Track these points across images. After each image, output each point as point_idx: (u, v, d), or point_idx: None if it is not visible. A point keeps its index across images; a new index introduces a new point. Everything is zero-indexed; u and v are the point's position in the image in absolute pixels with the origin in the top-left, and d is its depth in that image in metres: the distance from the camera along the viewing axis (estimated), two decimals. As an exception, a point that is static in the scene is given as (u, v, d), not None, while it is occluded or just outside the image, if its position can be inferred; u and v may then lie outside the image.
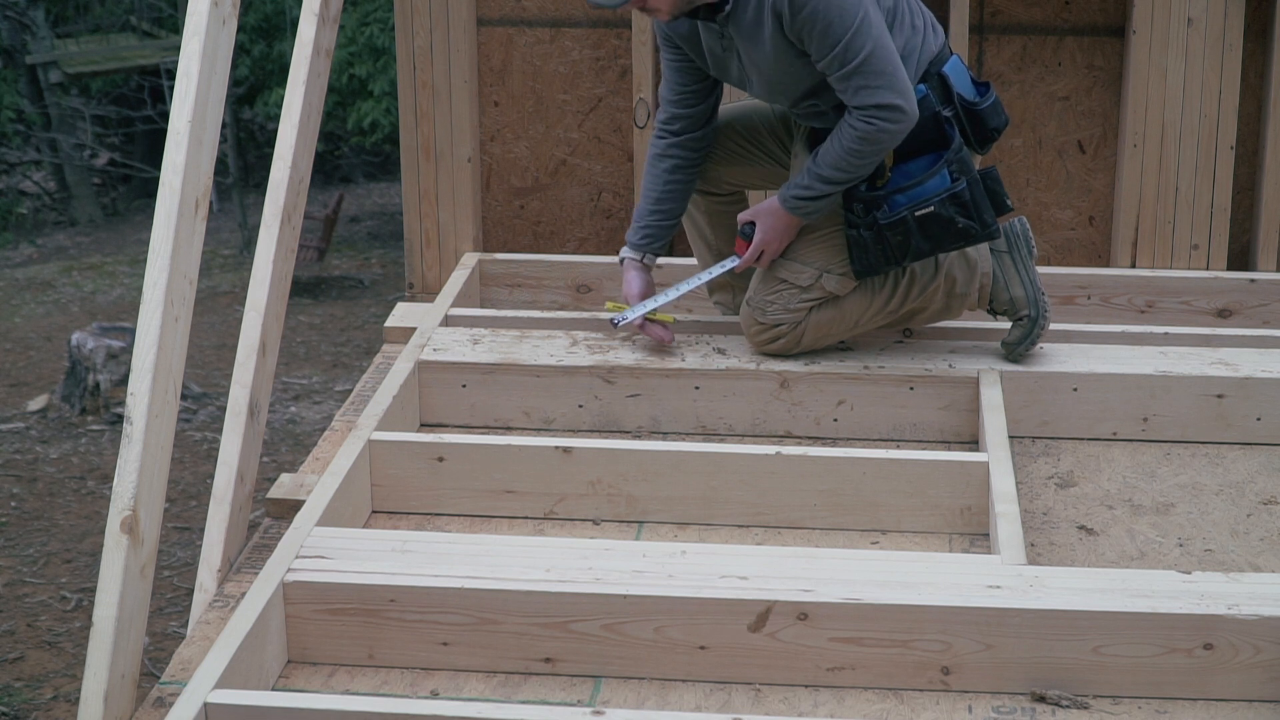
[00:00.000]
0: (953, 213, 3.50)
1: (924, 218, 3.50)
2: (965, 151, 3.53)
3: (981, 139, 3.62)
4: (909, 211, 3.50)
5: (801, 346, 3.67)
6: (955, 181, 3.50)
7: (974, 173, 3.53)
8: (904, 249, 3.54)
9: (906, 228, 3.51)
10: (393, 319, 4.16)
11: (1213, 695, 2.60)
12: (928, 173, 3.51)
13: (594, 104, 4.67)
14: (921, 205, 3.50)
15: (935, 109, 3.53)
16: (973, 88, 3.62)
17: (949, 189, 3.50)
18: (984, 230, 3.53)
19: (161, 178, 2.79)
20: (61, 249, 15.70)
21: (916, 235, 3.51)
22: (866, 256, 3.57)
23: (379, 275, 13.88)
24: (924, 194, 3.50)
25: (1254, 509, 3.27)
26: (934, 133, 3.53)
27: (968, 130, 3.58)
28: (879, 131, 3.45)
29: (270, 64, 15.78)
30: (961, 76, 3.61)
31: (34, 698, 5.83)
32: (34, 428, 9.02)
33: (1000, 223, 3.61)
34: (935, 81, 3.56)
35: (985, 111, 3.59)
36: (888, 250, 3.55)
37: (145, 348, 2.68)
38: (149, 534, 2.64)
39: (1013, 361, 3.65)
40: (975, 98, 3.60)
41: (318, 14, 3.60)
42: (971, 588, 2.67)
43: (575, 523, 3.27)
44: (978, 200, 3.52)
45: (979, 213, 3.52)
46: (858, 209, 3.54)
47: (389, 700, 2.57)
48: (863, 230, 3.54)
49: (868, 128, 3.45)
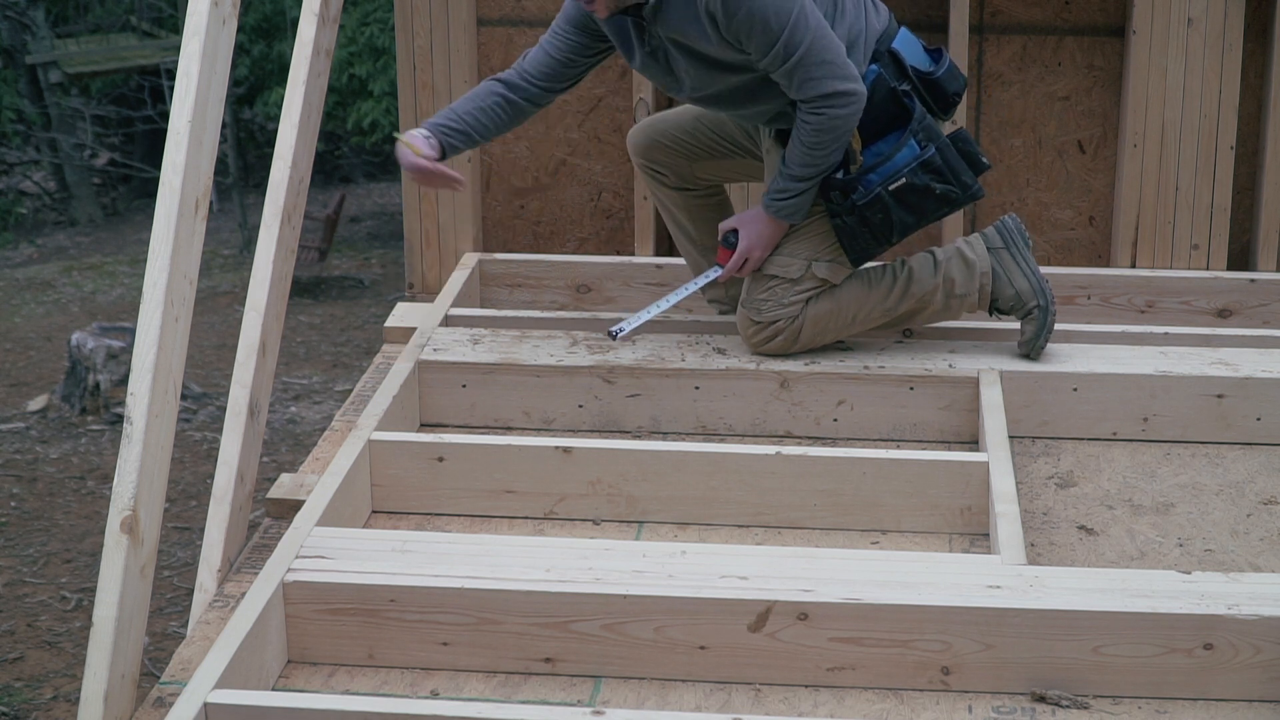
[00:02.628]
0: (927, 180, 3.53)
1: (899, 190, 3.52)
2: (929, 120, 3.55)
3: (943, 105, 3.64)
4: (882, 187, 3.52)
5: (800, 344, 3.67)
6: (924, 149, 3.52)
7: (942, 138, 3.55)
8: (888, 225, 3.56)
9: (884, 204, 3.53)
10: (393, 319, 4.16)
11: (1213, 695, 2.60)
12: (894, 146, 3.53)
13: (594, 104, 4.67)
14: (893, 179, 3.52)
15: (891, 85, 3.54)
16: (926, 56, 3.64)
17: (918, 156, 3.52)
18: (965, 192, 3.57)
19: (161, 178, 2.79)
20: (61, 249, 15.70)
21: (896, 209, 3.53)
22: (857, 242, 3.59)
23: (379, 275, 13.89)
24: (894, 167, 3.52)
25: (1254, 509, 3.27)
26: (895, 109, 3.55)
27: (927, 100, 3.60)
28: (831, 119, 3.46)
29: (270, 64, 15.79)
30: (912, 48, 3.62)
31: (34, 698, 5.83)
32: (34, 428, 9.03)
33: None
34: (886, 59, 3.57)
35: (942, 79, 3.61)
36: (873, 230, 3.56)
37: (145, 348, 2.68)
38: (149, 534, 2.64)
39: (1032, 360, 3.65)
40: (930, 67, 3.61)
41: (318, 14, 3.60)
42: (971, 588, 2.67)
43: (575, 523, 3.27)
44: (952, 163, 3.54)
45: (956, 175, 3.55)
46: (835, 196, 3.56)
47: (389, 700, 2.57)
48: (845, 217, 3.56)
49: (818, 119, 3.46)
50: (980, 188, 3.60)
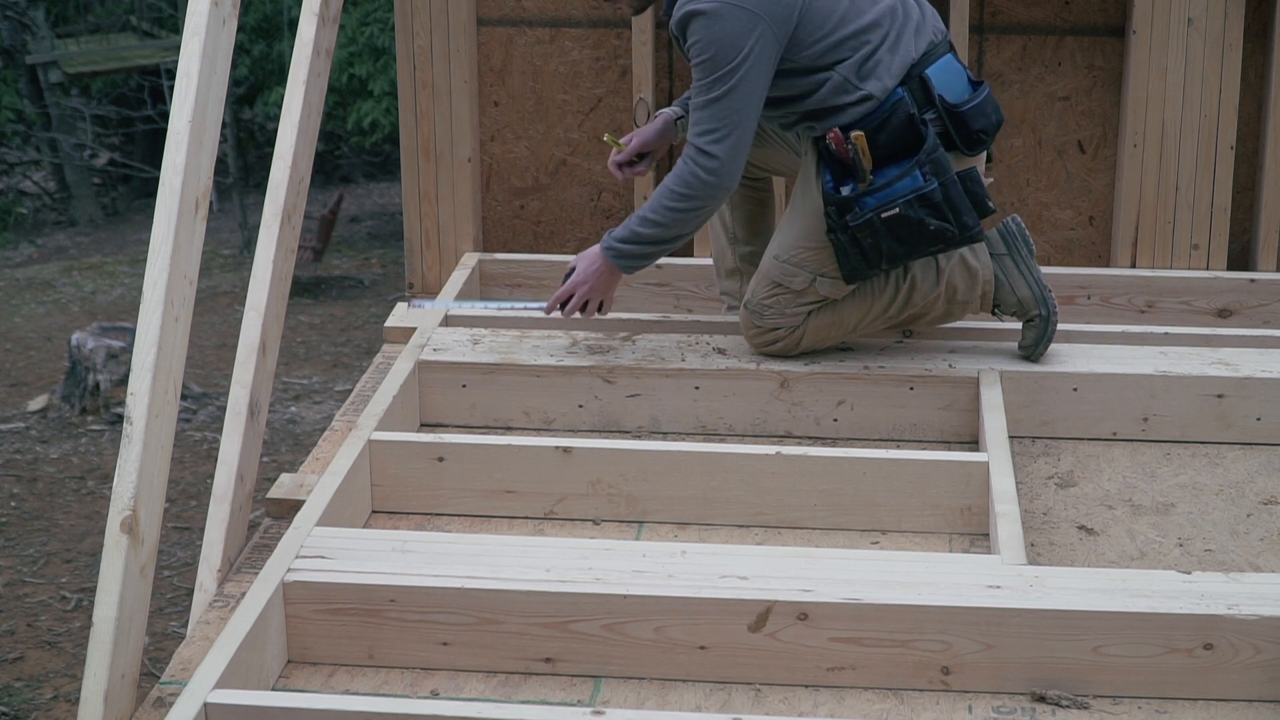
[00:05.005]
0: (922, 214, 3.43)
1: (891, 219, 3.44)
2: (940, 153, 3.45)
3: (967, 141, 3.53)
4: (875, 213, 3.44)
5: (800, 349, 3.67)
6: (926, 181, 3.43)
7: (950, 174, 3.44)
8: (876, 251, 3.48)
9: (874, 229, 3.45)
10: (393, 319, 4.16)
11: (1213, 695, 2.60)
12: (900, 173, 3.46)
13: (594, 104, 4.67)
14: (887, 206, 3.43)
15: (910, 111, 3.47)
16: (966, 88, 3.56)
17: (918, 189, 3.42)
18: (962, 233, 3.46)
19: (161, 178, 2.79)
20: (61, 249, 15.70)
21: (886, 238, 3.45)
22: (849, 261, 3.53)
23: (379, 275, 13.88)
24: (891, 195, 3.44)
25: (1254, 509, 3.27)
26: (912, 136, 3.47)
27: (951, 132, 3.52)
28: (694, 175, 3.46)
29: (270, 64, 15.79)
30: (951, 77, 3.54)
31: (34, 698, 5.83)
32: (34, 428, 9.02)
33: (992, 224, 3.59)
34: (915, 84, 3.50)
35: (967, 113, 3.51)
36: (865, 254, 3.50)
37: (145, 348, 2.68)
38: (149, 534, 2.64)
39: (1033, 363, 3.65)
40: (960, 98, 3.53)
41: (318, 14, 3.60)
42: (971, 588, 2.67)
43: (575, 523, 3.27)
44: (954, 201, 3.44)
45: (956, 215, 3.44)
46: (831, 213, 3.51)
47: (389, 700, 2.57)
48: (839, 234, 3.51)
49: (685, 168, 3.48)
50: (980, 231, 3.48)
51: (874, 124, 3.47)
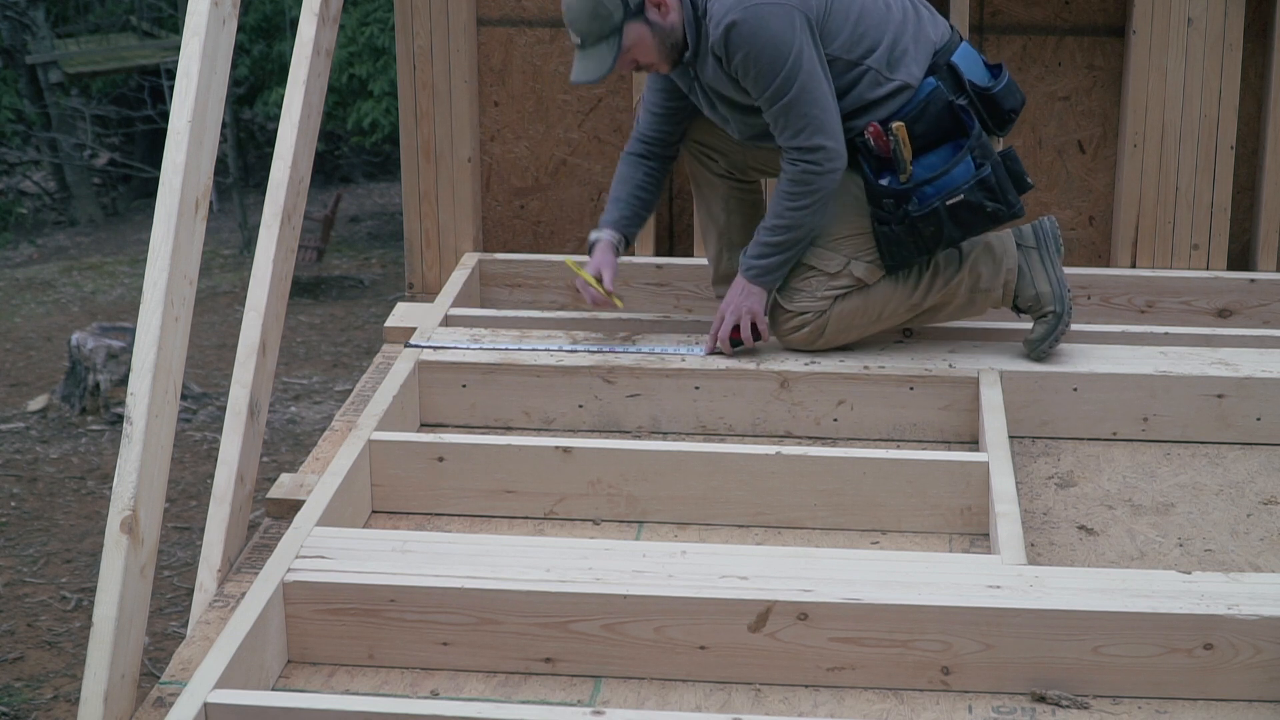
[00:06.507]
0: (981, 198, 3.57)
1: (955, 206, 3.56)
2: (985, 138, 3.59)
3: (999, 122, 3.67)
4: (940, 202, 3.55)
5: (824, 338, 3.68)
6: (980, 167, 3.56)
7: (995, 156, 3.59)
8: (936, 238, 3.60)
9: (939, 218, 3.56)
10: (393, 319, 4.16)
11: (1213, 695, 2.60)
12: (951, 162, 3.57)
13: (594, 104, 4.67)
14: (952, 194, 3.56)
15: (948, 99, 3.57)
16: (985, 72, 3.66)
17: (976, 175, 3.56)
18: (1009, 210, 3.61)
19: (161, 178, 2.79)
20: (61, 249, 15.70)
21: (948, 224, 3.57)
22: (900, 250, 3.62)
23: (379, 275, 13.88)
24: (952, 183, 3.56)
25: (1254, 509, 3.27)
26: (950, 123, 3.58)
27: (984, 115, 3.63)
28: (806, 173, 3.53)
29: (270, 64, 15.79)
30: (972, 63, 3.65)
31: (34, 698, 5.83)
32: (34, 428, 9.03)
33: (1029, 219, 3.65)
34: (945, 72, 3.60)
35: (999, 95, 3.63)
36: (920, 241, 3.60)
37: (145, 348, 2.68)
38: (149, 534, 2.64)
39: (1035, 360, 3.66)
40: (988, 82, 3.64)
41: (318, 14, 3.60)
42: (971, 588, 2.67)
43: (575, 523, 3.27)
44: (1001, 182, 3.58)
45: (1004, 194, 3.59)
46: (888, 205, 3.58)
47: (389, 700, 2.57)
48: (894, 225, 3.58)
49: (794, 169, 3.54)
50: (1022, 207, 3.63)
51: (911, 114, 3.57)
